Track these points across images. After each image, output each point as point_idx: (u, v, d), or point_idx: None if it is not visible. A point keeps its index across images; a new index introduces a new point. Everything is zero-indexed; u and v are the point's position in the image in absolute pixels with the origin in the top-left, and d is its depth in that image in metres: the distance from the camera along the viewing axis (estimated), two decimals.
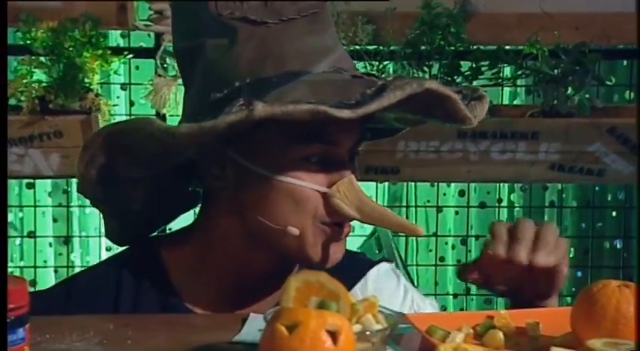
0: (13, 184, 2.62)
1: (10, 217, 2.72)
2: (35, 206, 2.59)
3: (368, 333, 0.91)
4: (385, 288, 1.31)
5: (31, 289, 0.95)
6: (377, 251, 2.38)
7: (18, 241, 2.73)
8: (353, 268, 1.30)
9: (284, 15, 1.15)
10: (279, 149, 1.14)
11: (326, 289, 0.91)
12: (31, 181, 2.51)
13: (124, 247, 1.30)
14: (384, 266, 1.35)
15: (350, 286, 1.26)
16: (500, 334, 0.99)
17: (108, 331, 1.07)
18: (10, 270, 2.74)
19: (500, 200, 2.67)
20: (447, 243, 2.73)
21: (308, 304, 0.89)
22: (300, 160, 1.14)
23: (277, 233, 1.15)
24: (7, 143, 1.98)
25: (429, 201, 2.66)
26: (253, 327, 1.03)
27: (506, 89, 2.56)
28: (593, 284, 0.97)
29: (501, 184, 2.66)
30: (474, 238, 2.66)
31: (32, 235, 2.63)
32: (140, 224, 1.26)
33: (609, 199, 2.71)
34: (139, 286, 1.22)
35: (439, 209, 2.60)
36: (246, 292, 1.22)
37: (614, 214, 2.70)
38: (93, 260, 2.69)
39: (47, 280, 2.63)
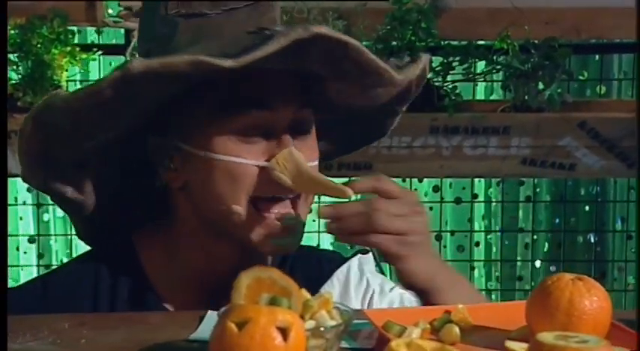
0: None
1: None
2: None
3: (322, 329, 0.91)
4: (351, 285, 1.30)
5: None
6: (349, 247, 2.37)
7: None
8: (322, 268, 1.30)
9: (227, 6, 1.15)
10: (211, 125, 1.13)
11: (277, 286, 0.90)
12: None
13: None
14: (352, 263, 1.34)
15: (318, 286, 1.25)
16: (456, 329, 0.98)
17: (62, 331, 1.05)
18: None
19: (475, 195, 2.67)
20: None
21: (259, 300, 0.88)
22: (235, 133, 1.12)
23: (223, 214, 1.14)
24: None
25: None
26: (210, 324, 1.01)
27: (482, 84, 2.56)
28: (547, 277, 0.97)
29: (477, 180, 2.65)
30: (449, 234, 2.65)
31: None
32: (104, 223, 1.25)
33: (582, 193, 2.71)
34: (115, 282, 1.22)
35: None
36: (219, 286, 1.20)
37: (587, 208, 2.71)
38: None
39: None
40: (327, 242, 2.64)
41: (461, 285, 1.22)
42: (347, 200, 1.12)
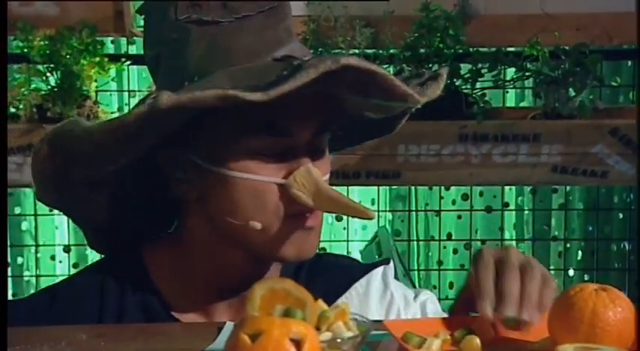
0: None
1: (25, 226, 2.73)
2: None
3: (339, 340, 0.90)
4: (372, 297, 1.28)
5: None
6: (377, 256, 2.37)
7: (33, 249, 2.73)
8: (340, 277, 1.29)
9: (239, 13, 1.13)
10: (230, 144, 1.12)
11: (292, 297, 0.90)
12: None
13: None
14: (375, 274, 1.32)
15: (336, 295, 1.24)
16: (477, 341, 0.97)
17: (81, 342, 1.05)
18: (26, 279, 2.76)
19: (507, 204, 2.64)
20: (445, 247, 2.69)
21: (273, 312, 0.88)
22: (253, 153, 1.12)
23: (242, 230, 1.14)
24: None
25: (427, 204, 2.64)
26: (227, 336, 1.01)
27: (512, 92, 2.54)
28: (570, 288, 0.95)
29: (508, 188, 2.63)
30: (479, 242, 2.62)
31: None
32: (115, 234, 1.25)
33: (616, 201, 2.68)
34: (122, 292, 1.22)
35: (438, 213, 2.57)
36: (228, 295, 1.21)
37: (620, 216, 2.68)
38: None
39: None
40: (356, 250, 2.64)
41: None
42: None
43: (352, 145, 1.38)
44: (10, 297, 2.59)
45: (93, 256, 2.74)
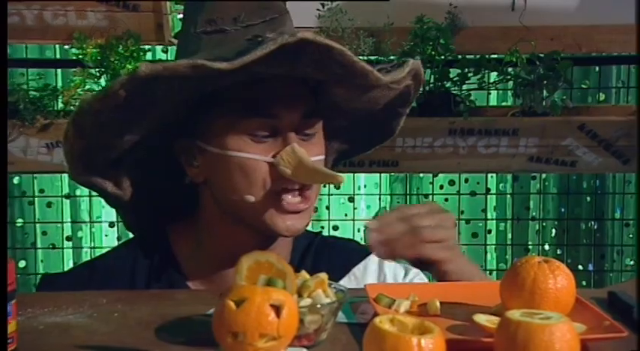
0: None
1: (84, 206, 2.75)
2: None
3: (318, 306, 0.90)
4: (369, 278, 1.29)
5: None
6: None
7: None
8: (343, 257, 1.30)
9: (245, 23, 1.14)
10: (225, 127, 1.13)
11: (274, 268, 0.90)
12: None
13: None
14: (372, 258, 1.32)
15: (339, 273, 1.24)
16: (437, 303, 0.98)
17: (100, 305, 1.06)
18: (77, 250, 2.79)
19: (488, 190, 2.65)
20: None
21: (257, 281, 0.88)
22: (244, 134, 1.12)
23: (238, 204, 1.14)
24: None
25: (418, 188, 2.65)
26: None
27: (495, 93, 2.53)
28: (517, 260, 0.96)
29: (490, 175, 2.63)
30: (464, 222, 2.63)
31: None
32: (143, 215, 1.26)
33: (584, 186, 2.68)
34: (149, 265, 1.22)
35: (426, 196, 2.58)
36: None
37: (588, 199, 2.68)
38: None
39: None
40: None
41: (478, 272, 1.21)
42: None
43: (365, 150, 1.38)
44: (71, 264, 2.63)
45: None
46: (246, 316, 0.80)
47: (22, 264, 2.67)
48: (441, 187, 2.59)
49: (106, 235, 2.74)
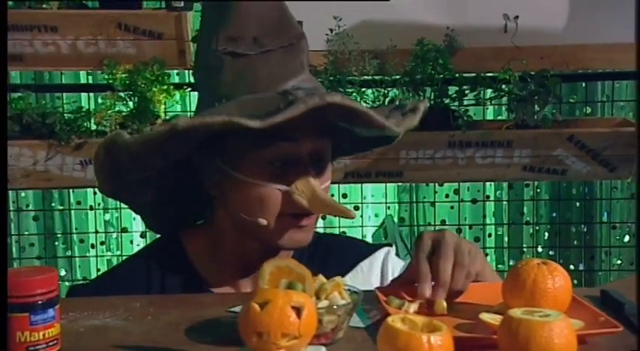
0: None
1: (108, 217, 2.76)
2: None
3: (334, 307, 0.90)
4: (374, 274, 1.28)
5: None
6: (384, 238, 2.38)
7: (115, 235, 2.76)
8: (350, 255, 1.29)
9: (265, 47, 1.13)
10: (250, 155, 1.12)
11: (294, 273, 0.90)
12: None
13: (155, 238, 1.31)
14: (378, 255, 1.31)
15: (345, 272, 1.23)
16: (444, 303, 0.98)
17: (135, 309, 1.07)
18: (108, 258, 2.80)
19: (487, 197, 2.64)
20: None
21: (279, 285, 0.88)
22: (265, 164, 1.11)
23: (252, 224, 1.14)
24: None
25: (424, 197, 2.65)
26: None
27: (491, 108, 2.53)
28: (518, 262, 0.96)
29: (488, 183, 2.63)
30: (467, 227, 2.63)
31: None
32: (164, 219, 1.25)
33: (574, 192, 2.68)
34: (165, 271, 1.21)
35: (433, 204, 2.58)
36: (251, 272, 1.20)
37: (577, 204, 2.68)
38: None
39: None
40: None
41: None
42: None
43: (364, 150, 1.35)
44: (95, 273, 2.63)
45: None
46: (270, 318, 0.81)
47: (62, 272, 2.69)
48: (447, 195, 2.58)
49: (137, 245, 2.74)
